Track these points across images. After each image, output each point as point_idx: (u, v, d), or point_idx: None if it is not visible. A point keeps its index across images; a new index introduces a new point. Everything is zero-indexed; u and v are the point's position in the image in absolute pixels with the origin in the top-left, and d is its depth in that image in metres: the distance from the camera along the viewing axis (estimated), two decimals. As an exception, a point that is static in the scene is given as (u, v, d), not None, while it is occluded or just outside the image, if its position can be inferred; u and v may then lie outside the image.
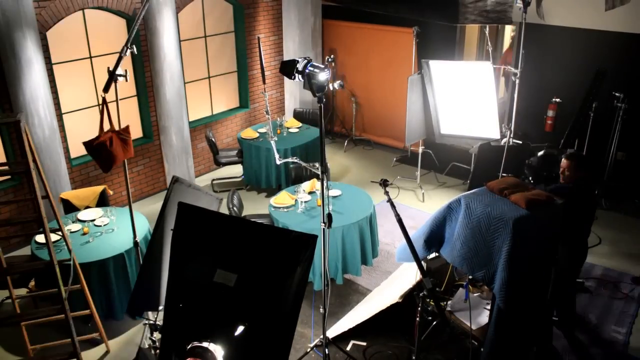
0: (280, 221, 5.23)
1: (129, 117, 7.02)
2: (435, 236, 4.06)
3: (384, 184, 3.84)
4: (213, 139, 7.50)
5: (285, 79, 7.14)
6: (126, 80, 3.63)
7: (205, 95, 8.13)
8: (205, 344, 2.61)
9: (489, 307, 4.36)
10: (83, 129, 6.42)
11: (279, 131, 7.62)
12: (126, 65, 6.69)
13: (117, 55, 3.59)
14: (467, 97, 6.68)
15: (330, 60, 8.77)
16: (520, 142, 6.70)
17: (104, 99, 3.63)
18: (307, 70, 3.28)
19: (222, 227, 2.84)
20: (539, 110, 7.42)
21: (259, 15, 8.37)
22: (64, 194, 5.74)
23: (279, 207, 5.44)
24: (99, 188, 5.78)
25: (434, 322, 4.53)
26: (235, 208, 5.51)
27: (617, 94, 6.39)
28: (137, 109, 7.22)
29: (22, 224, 6.22)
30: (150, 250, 3.53)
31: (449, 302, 4.49)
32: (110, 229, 5.01)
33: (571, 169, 4.36)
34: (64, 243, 4.77)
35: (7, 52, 5.44)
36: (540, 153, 5.05)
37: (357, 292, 5.37)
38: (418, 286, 4.13)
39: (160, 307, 3.70)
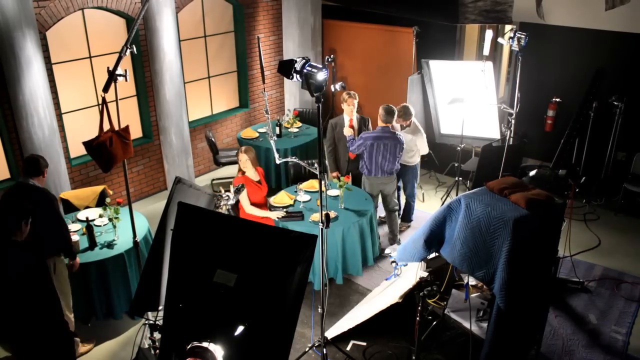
0: (279, 221, 5.23)
1: (129, 117, 7.02)
2: (436, 236, 4.05)
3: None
4: (213, 139, 7.50)
5: (285, 79, 7.15)
6: (126, 80, 3.63)
7: (205, 95, 8.13)
8: (205, 344, 2.61)
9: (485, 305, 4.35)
10: (83, 128, 6.42)
11: (287, 124, 7.69)
12: (126, 65, 6.69)
13: (117, 55, 3.59)
14: (467, 97, 6.67)
15: (330, 60, 8.76)
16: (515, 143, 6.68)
17: (103, 98, 3.62)
18: (305, 70, 3.28)
19: (222, 227, 2.84)
20: (539, 110, 7.42)
21: (259, 15, 8.37)
22: (63, 193, 5.74)
23: (278, 207, 5.44)
24: (99, 188, 5.78)
25: (434, 322, 4.53)
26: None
27: (614, 100, 6.37)
28: (137, 108, 7.22)
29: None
30: (152, 251, 3.53)
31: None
32: (109, 228, 5.00)
33: None
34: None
35: (6, 52, 5.43)
36: (532, 173, 5.02)
37: (357, 292, 5.37)
38: (418, 286, 4.13)
39: (160, 307, 3.70)
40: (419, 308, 4.08)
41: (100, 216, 5.15)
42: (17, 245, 3.37)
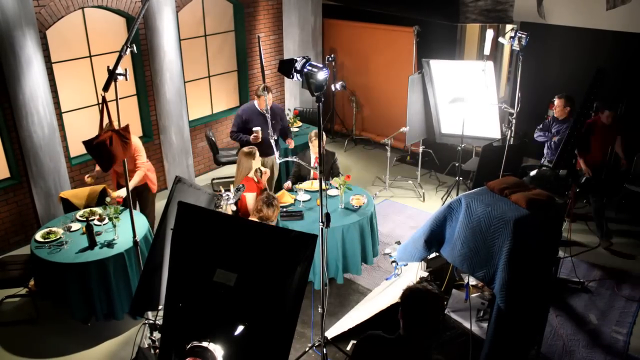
0: (279, 220, 5.22)
1: (129, 116, 7.01)
2: (436, 236, 4.05)
3: None
4: (213, 139, 7.49)
5: (286, 78, 7.16)
6: (126, 79, 3.61)
7: (205, 94, 8.13)
8: (205, 344, 2.60)
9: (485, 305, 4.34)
10: (83, 128, 6.42)
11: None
12: (126, 64, 6.69)
13: (117, 54, 3.58)
14: (467, 96, 6.67)
15: (330, 59, 8.76)
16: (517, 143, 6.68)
17: (103, 98, 3.61)
18: (305, 70, 3.27)
19: (222, 226, 2.83)
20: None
21: (259, 14, 8.36)
22: (63, 193, 5.73)
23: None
24: (99, 187, 5.77)
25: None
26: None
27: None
28: (137, 108, 7.21)
29: (22, 223, 6.23)
30: (152, 250, 3.53)
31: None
32: (109, 228, 5.00)
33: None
34: (63, 243, 4.78)
35: (6, 51, 5.43)
36: (533, 173, 5.06)
37: (358, 291, 5.36)
38: (418, 286, 4.11)
39: (160, 307, 3.70)
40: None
41: (100, 216, 5.14)
42: None
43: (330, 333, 4.64)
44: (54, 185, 6.01)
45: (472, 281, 4.22)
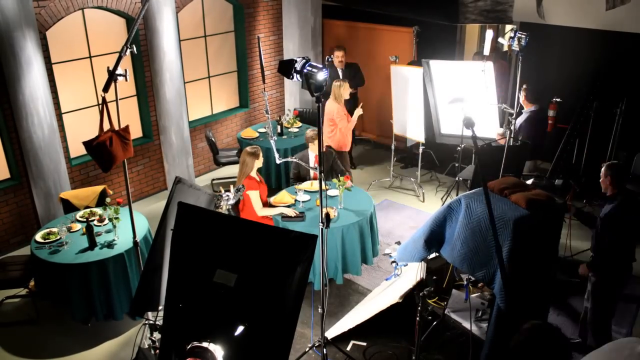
0: (279, 221, 5.23)
1: (129, 116, 7.02)
2: (436, 236, 4.05)
3: None
4: (213, 139, 7.49)
5: (286, 78, 7.16)
6: (126, 80, 3.62)
7: (205, 95, 8.13)
8: (205, 344, 2.60)
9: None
10: (83, 128, 6.42)
11: (287, 124, 7.70)
12: (126, 64, 6.69)
13: (117, 54, 3.59)
14: (467, 96, 6.67)
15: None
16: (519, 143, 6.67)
17: (103, 98, 3.62)
18: (305, 70, 3.28)
19: (222, 227, 2.84)
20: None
21: (259, 14, 8.37)
22: (63, 193, 5.74)
23: (279, 207, 5.43)
24: (99, 188, 5.78)
25: (434, 322, 4.52)
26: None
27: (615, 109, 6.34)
28: (137, 108, 7.22)
29: (22, 223, 6.23)
30: (152, 251, 3.53)
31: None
32: (109, 228, 5.00)
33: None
34: (63, 243, 4.78)
35: (6, 52, 5.43)
36: (528, 182, 5.09)
37: (357, 292, 5.36)
38: (418, 286, 4.13)
39: (160, 307, 3.70)
40: (419, 308, 4.08)
41: (100, 216, 5.14)
42: None
43: (330, 333, 4.65)
44: (54, 185, 6.01)
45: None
